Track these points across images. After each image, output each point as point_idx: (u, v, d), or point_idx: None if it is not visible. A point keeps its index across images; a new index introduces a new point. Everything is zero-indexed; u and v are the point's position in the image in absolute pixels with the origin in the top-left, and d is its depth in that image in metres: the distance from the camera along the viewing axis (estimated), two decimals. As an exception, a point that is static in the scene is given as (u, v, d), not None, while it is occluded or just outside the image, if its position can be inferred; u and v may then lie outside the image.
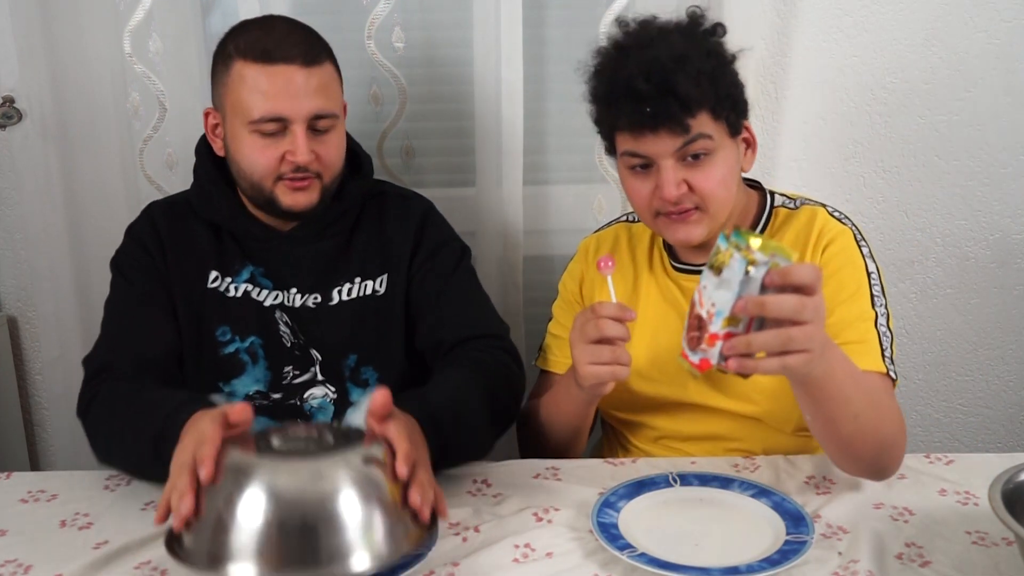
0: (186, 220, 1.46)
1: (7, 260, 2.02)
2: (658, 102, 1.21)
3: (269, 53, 1.31)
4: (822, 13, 1.85)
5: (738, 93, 1.30)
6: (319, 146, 1.36)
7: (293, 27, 1.37)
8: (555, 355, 1.49)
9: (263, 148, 1.34)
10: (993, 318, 2.03)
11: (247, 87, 1.32)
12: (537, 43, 1.90)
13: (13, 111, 1.79)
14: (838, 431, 1.13)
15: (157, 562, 1.08)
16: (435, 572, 1.06)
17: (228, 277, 1.44)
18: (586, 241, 1.55)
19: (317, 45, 1.36)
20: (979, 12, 1.85)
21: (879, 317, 1.27)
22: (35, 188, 1.84)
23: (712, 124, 1.26)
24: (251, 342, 1.42)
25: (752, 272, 0.97)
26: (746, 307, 0.97)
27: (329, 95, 1.36)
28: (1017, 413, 2.10)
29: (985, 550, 1.09)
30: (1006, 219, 1.97)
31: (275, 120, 1.32)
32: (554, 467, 1.30)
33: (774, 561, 1.04)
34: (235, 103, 1.35)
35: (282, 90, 1.31)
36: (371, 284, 1.45)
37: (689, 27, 1.29)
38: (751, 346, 0.98)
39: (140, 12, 1.78)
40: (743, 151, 1.34)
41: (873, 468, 1.20)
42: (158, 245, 1.43)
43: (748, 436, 1.37)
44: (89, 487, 1.27)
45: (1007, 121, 1.91)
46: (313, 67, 1.33)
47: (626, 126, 1.27)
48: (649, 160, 1.27)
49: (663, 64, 1.21)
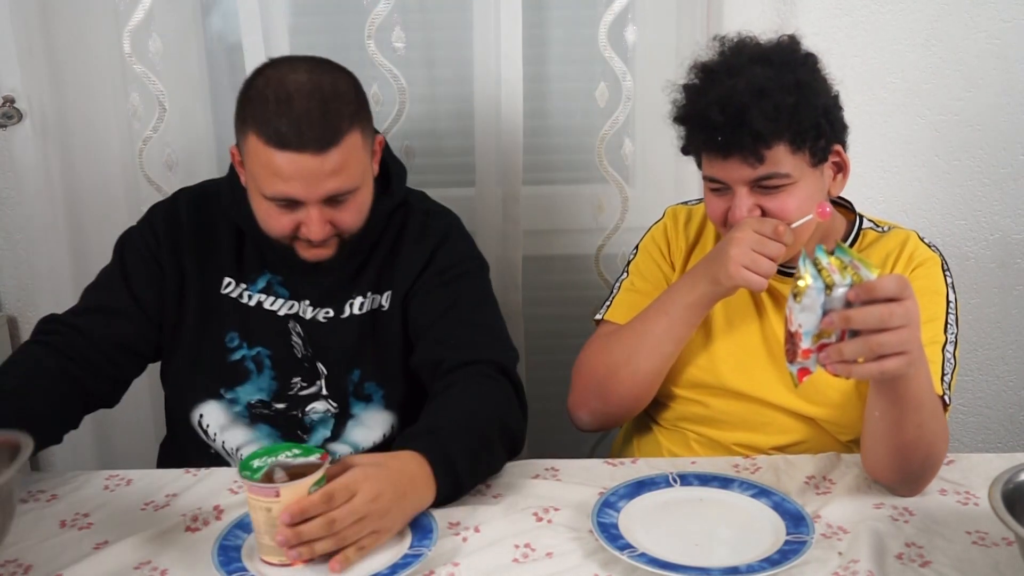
0: (212, 217, 1.43)
1: (7, 260, 2.02)
2: (730, 133, 1.23)
3: (282, 137, 1.23)
4: (822, 13, 1.85)
5: (826, 122, 1.28)
6: (337, 214, 1.30)
7: (311, 97, 1.24)
8: (626, 307, 1.45)
9: (278, 216, 1.30)
10: (993, 318, 2.03)
11: (260, 164, 1.26)
12: (537, 43, 1.90)
13: (13, 111, 1.79)
14: (901, 435, 1.14)
15: (157, 562, 1.09)
16: (435, 572, 1.06)
17: (244, 284, 1.42)
18: (674, 208, 1.54)
19: (337, 117, 1.25)
20: (979, 12, 1.85)
21: (947, 343, 1.30)
22: (35, 188, 1.83)
23: (790, 157, 1.26)
24: (258, 351, 1.41)
25: (833, 292, 1.01)
26: (832, 323, 1.01)
27: (348, 172, 1.27)
28: (1017, 413, 2.10)
29: (985, 550, 1.09)
30: (1006, 219, 1.97)
31: (288, 199, 1.28)
32: (554, 467, 1.30)
33: (774, 561, 1.04)
34: (252, 171, 1.29)
35: (294, 175, 1.24)
36: (378, 299, 1.43)
37: (779, 56, 1.29)
38: (842, 355, 1.02)
39: (140, 12, 1.78)
40: (831, 175, 1.35)
41: (912, 479, 1.20)
42: (174, 237, 1.41)
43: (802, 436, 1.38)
44: (89, 487, 1.27)
45: (1007, 121, 1.91)
46: (329, 151, 1.24)
47: (700, 150, 1.31)
48: (726, 184, 1.29)
49: (740, 96, 1.22)
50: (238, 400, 1.41)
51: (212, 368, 1.41)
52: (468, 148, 1.88)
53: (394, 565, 1.05)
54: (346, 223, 1.32)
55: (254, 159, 1.27)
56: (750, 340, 1.39)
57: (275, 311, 1.41)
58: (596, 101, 1.84)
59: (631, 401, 1.41)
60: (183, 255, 1.41)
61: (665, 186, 1.90)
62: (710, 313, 1.37)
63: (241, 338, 1.41)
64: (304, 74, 1.27)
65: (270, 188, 1.27)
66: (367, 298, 1.42)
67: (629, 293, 1.47)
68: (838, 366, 1.03)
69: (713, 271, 1.29)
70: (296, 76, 1.26)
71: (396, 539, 1.10)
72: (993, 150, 1.93)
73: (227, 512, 1.18)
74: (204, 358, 1.41)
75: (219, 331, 1.41)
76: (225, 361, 1.41)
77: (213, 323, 1.41)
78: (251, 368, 1.41)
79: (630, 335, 1.38)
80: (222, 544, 1.08)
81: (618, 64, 1.80)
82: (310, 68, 1.29)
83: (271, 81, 1.27)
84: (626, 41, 1.80)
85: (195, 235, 1.42)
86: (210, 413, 1.41)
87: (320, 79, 1.27)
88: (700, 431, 1.43)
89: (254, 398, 1.41)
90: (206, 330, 1.41)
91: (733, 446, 1.40)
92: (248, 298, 1.41)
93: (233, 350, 1.41)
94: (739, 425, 1.40)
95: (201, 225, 1.43)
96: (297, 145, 1.23)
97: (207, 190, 1.47)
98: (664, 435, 1.46)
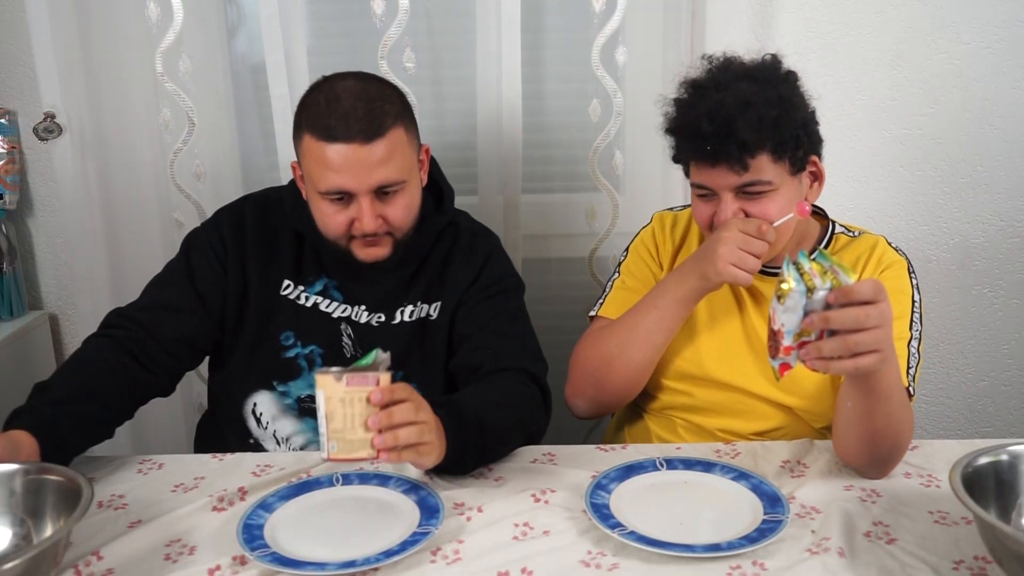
0: (275, 222, 1.41)
1: (48, 262, 2.03)
2: (718, 142, 1.23)
3: (331, 131, 1.24)
4: (797, 36, 1.85)
5: (804, 134, 1.29)
6: (387, 209, 1.30)
7: (359, 98, 1.26)
8: (618, 304, 1.45)
9: (333, 213, 1.30)
10: (953, 316, 2.03)
11: (314, 160, 1.27)
12: (535, 64, 1.90)
13: (54, 126, 1.79)
14: (872, 423, 1.14)
15: (186, 540, 1.09)
16: (442, 548, 1.06)
17: (301, 286, 1.40)
18: (661, 214, 1.53)
19: (382, 113, 1.26)
20: (940, 35, 1.85)
21: (912, 339, 1.31)
22: (74, 196, 1.83)
23: (772, 165, 1.26)
24: (311, 350, 1.40)
25: (814, 295, 1.01)
26: (813, 323, 1.01)
27: (394, 163, 1.27)
28: (976, 403, 2.11)
29: (946, 528, 1.09)
30: (965, 224, 1.97)
31: (340, 192, 1.28)
32: (550, 453, 1.30)
33: (753, 539, 1.04)
34: (307, 170, 1.30)
35: (344, 166, 1.25)
36: (427, 308, 1.41)
37: (764, 74, 1.29)
38: (821, 352, 1.03)
39: (171, 35, 1.78)
40: (808, 184, 1.35)
41: (880, 463, 1.20)
42: (239, 242, 1.40)
43: (780, 423, 1.38)
44: (124, 471, 1.27)
45: (966, 135, 1.91)
46: (375, 141, 1.25)
47: (689, 158, 1.31)
48: (712, 191, 1.30)
49: (728, 109, 1.23)
50: (289, 393, 1.40)
51: (267, 363, 1.40)
52: (472, 159, 1.88)
53: (404, 542, 1.05)
54: (397, 218, 1.31)
55: (309, 157, 1.28)
56: (732, 334, 1.39)
57: (329, 313, 1.40)
58: (589, 116, 1.84)
59: (624, 389, 1.40)
60: (247, 259, 1.40)
61: (653, 193, 1.89)
62: (695, 309, 1.37)
63: (296, 336, 1.40)
64: (352, 80, 1.30)
65: (324, 183, 1.27)
66: (417, 307, 1.41)
67: (621, 291, 1.47)
68: (817, 362, 1.04)
69: (702, 268, 1.29)
70: (345, 82, 1.29)
71: (406, 519, 1.10)
72: (953, 162, 1.93)
73: (251, 493, 1.18)
74: (260, 354, 1.40)
75: (276, 330, 1.40)
76: (279, 357, 1.40)
77: (271, 322, 1.40)
78: (303, 365, 1.40)
79: (622, 328, 1.38)
80: (246, 523, 1.09)
81: (609, 82, 1.80)
82: (359, 77, 1.32)
83: (323, 89, 1.29)
84: (617, 61, 1.79)
85: (258, 240, 1.41)
86: (263, 403, 1.41)
87: (367, 84, 1.30)
88: (686, 418, 1.42)
89: (304, 393, 1.40)
90: (264, 328, 1.40)
91: (716, 431, 1.40)
92: (305, 299, 1.40)
93: (288, 348, 1.40)
94: (722, 413, 1.40)
95: (264, 230, 1.41)
96: (345, 136, 1.24)
97: (271, 197, 1.46)
98: (653, 422, 1.46)
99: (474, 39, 1.81)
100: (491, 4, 1.76)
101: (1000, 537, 0.91)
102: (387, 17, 1.76)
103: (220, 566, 1.03)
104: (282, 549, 1.04)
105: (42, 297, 2.05)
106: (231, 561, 1.04)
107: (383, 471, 1.22)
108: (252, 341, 1.40)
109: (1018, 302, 2.02)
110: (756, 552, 1.03)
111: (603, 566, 1.02)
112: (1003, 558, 0.93)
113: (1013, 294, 2.02)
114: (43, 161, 1.94)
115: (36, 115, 1.82)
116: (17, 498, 1.04)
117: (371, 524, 1.10)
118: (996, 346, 2.06)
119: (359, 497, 1.17)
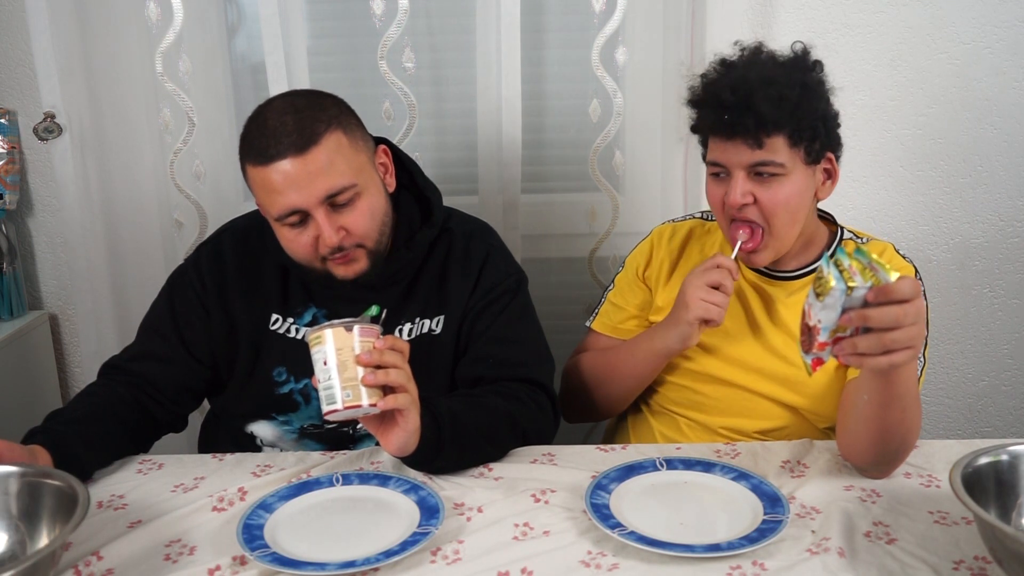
0: (256, 254, 1.37)
1: (49, 262, 2.03)
2: (736, 113, 1.24)
3: (264, 152, 1.20)
4: (797, 36, 1.81)
5: (824, 127, 1.29)
6: (346, 219, 1.23)
7: (284, 112, 1.21)
8: (608, 318, 1.50)
9: (295, 236, 1.25)
10: (954, 316, 2.03)
11: (259, 187, 1.23)
12: (534, 64, 1.90)
13: (54, 126, 1.79)
14: (886, 417, 1.14)
15: (186, 540, 1.09)
16: (442, 548, 1.06)
17: (290, 318, 1.35)
18: (661, 227, 1.53)
19: (312, 121, 1.21)
20: (940, 35, 1.85)
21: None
22: (74, 196, 1.83)
23: (787, 149, 1.26)
24: (305, 384, 1.35)
25: (853, 293, 1.00)
26: (851, 320, 1.01)
27: (337, 169, 1.21)
28: (975, 403, 2.10)
29: (946, 528, 1.09)
30: (965, 225, 1.97)
31: (293, 213, 1.22)
32: (550, 453, 1.30)
33: (753, 539, 1.04)
34: (259, 201, 1.26)
35: (286, 184, 1.19)
36: (428, 323, 1.36)
37: (791, 59, 1.31)
38: (856, 348, 1.02)
39: (171, 35, 1.78)
40: (821, 180, 1.35)
41: (885, 461, 1.20)
42: (219, 281, 1.36)
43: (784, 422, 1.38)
44: (124, 471, 1.27)
45: (966, 135, 1.91)
46: (310, 150, 1.19)
47: (707, 129, 1.32)
48: (726, 169, 1.30)
49: (750, 83, 1.24)
50: (291, 423, 1.38)
51: (262, 399, 1.37)
52: (471, 159, 1.89)
53: (404, 542, 1.05)
54: (359, 227, 1.25)
55: (255, 186, 1.24)
56: (738, 334, 1.39)
57: None
58: (589, 116, 1.84)
59: (608, 411, 1.50)
60: (230, 297, 1.36)
61: (653, 194, 1.90)
62: None
63: (288, 372, 1.35)
64: (279, 100, 1.26)
65: (274, 207, 1.22)
66: (416, 323, 1.36)
67: (611, 305, 1.52)
68: (851, 357, 1.03)
69: (676, 314, 1.31)
70: (272, 104, 1.25)
71: (406, 519, 1.10)
72: (953, 161, 1.93)
73: (250, 493, 1.18)
74: (255, 390, 1.37)
75: (268, 366, 1.36)
76: (274, 393, 1.36)
77: (262, 359, 1.36)
78: (299, 400, 1.36)
79: (603, 365, 1.45)
80: (246, 523, 1.08)
81: (609, 83, 1.80)
82: (287, 95, 1.28)
83: (254, 117, 1.25)
84: (617, 61, 1.79)
85: (239, 275, 1.37)
86: (263, 430, 1.39)
87: (294, 99, 1.25)
88: (690, 415, 1.43)
89: (306, 423, 1.37)
90: (256, 365, 1.36)
91: (720, 429, 1.40)
92: (295, 332, 1.35)
93: (281, 383, 1.36)
94: (726, 411, 1.40)
95: (246, 264, 1.37)
96: (277, 153, 1.19)
97: (251, 227, 1.39)
98: (656, 419, 1.46)
99: (474, 39, 1.81)
100: (491, 4, 1.76)
101: (1000, 537, 0.91)
102: (387, 17, 1.76)
103: (220, 566, 1.03)
104: (282, 549, 1.04)
105: (42, 297, 2.05)
106: (231, 561, 1.04)
107: (383, 471, 1.22)
108: (244, 379, 1.37)
109: (1018, 302, 2.02)
110: (756, 552, 1.03)
111: (603, 566, 1.02)
112: (1003, 558, 0.93)
113: (1013, 294, 2.02)
114: (43, 161, 1.94)
115: (36, 115, 1.82)
116: (11, 500, 1.03)
117: (371, 524, 1.10)
118: (996, 346, 2.06)
119: (359, 497, 1.17)
